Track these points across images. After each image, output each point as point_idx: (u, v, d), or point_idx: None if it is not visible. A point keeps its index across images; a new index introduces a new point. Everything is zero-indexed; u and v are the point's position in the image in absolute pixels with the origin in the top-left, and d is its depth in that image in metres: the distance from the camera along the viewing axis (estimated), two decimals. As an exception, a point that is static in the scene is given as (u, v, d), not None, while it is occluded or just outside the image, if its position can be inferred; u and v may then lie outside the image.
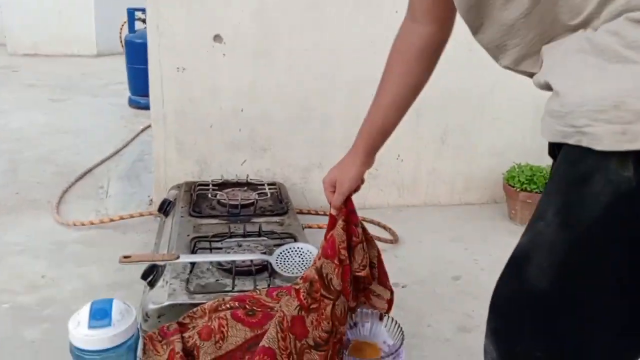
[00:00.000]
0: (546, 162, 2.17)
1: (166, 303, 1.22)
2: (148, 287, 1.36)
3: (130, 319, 0.91)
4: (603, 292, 0.59)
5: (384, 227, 2.07)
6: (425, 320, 1.51)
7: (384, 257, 1.89)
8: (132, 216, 1.97)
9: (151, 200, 2.14)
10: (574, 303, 0.61)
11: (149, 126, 3.13)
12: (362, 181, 1.07)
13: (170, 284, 1.29)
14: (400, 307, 1.58)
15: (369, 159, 1.05)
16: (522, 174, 2.10)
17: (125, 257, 1.30)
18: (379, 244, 1.95)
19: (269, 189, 1.91)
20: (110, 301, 0.91)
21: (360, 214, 2.15)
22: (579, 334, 0.61)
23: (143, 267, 1.69)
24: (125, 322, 0.89)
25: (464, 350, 1.38)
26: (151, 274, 1.36)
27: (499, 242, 2.02)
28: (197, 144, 2.04)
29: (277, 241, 1.53)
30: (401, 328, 1.05)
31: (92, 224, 1.91)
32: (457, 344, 1.41)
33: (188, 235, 1.55)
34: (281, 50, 1.99)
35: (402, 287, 1.69)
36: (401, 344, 1.01)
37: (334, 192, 1.07)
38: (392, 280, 1.73)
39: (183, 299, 1.24)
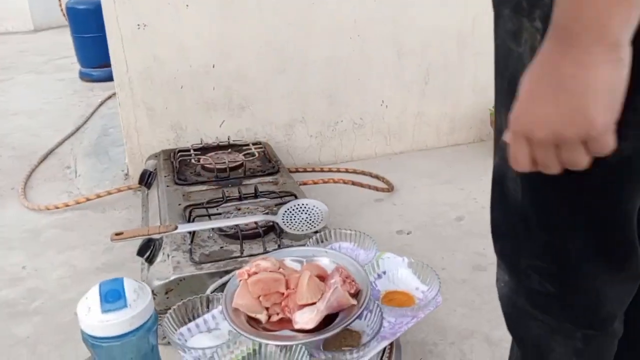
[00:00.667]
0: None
1: (172, 277, 1.12)
2: (146, 264, 1.25)
3: (147, 297, 0.80)
4: (561, 193, 0.57)
5: (377, 177, 2.00)
6: (437, 263, 1.46)
7: (381, 206, 1.84)
8: (109, 193, 1.82)
9: (126, 174, 1.98)
10: (546, 207, 0.60)
11: (109, 98, 2.92)
12: None
13: (173, 256, 1.19)
14: (410, 254, 1.51)
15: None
16: (510, 107, 2.06)
17: (117, 234, 1.18)
18: (376, 194, 1.90)
19: (255, 148, 1.80)
20: (120, 280, 0.80)
21: (348, 166, 2.10)
22: (559, 240, 0.60)
23: (134, 244, 1.56)
24: (142, 302, 0.79)
25: (482, 288, 1.35)
26: (148, 250, 1.25)
27: (493, 179, 1.99)
28: (169, 109, 1.88)
29: (277, 200, 1.43)
30: (434, 271, 0.99)
31: (66, 206, 1.76)
32: (474, 283, 1.38)
33: (179, 205, 1.44)
34: (250, -2, 1.83)
35: (407, 233, 1.64)
36: (439, 287, 0.95)
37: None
38: (395, 228, 1.69)
39: (190, 270, 1.14)
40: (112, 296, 0.77)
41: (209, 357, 0.82)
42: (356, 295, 0.89)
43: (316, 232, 1.25)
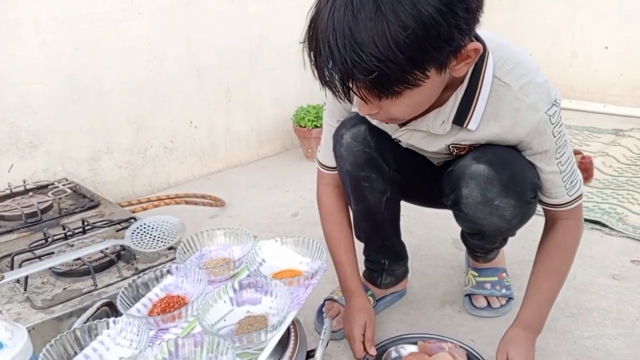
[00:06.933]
0: (316, 102, 2.38)
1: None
2: (-36, 334, 0.98)
3: (23, 334, 0.64)
4: None
5: (203, 197, 1.95)
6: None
7: (219, 221, 1.80)
8: None
9: None
10: None
11: None
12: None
13: (8, 310, 0.96)
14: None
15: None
16: (309, 113, 2.26)
17: None
18: (209, 211, 1.85)
19: (64, 185, 1.58)
20: (-20, 324, 0.62)
21: (168, 192, 2.00)
22: None
23: None
24: (20, 339, 0.63)
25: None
26: (-35, 314, 0.99)
27: (310, 179, 2.13)
28: None
29: (116, 227, 1.29)
30: (314, 241, 1.03)
31: None
32: (329, 261, 1.46)
33: (-11, 260, 1.16)
34: (26, 20, 1.62)
35: (255, 237, 1.64)
36: (322, 253, 1.00)
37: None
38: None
39: (39, 317, 0.94)
40: (-22, 341, 0.60)
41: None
42: None
43: (171, 248, 1.18)
